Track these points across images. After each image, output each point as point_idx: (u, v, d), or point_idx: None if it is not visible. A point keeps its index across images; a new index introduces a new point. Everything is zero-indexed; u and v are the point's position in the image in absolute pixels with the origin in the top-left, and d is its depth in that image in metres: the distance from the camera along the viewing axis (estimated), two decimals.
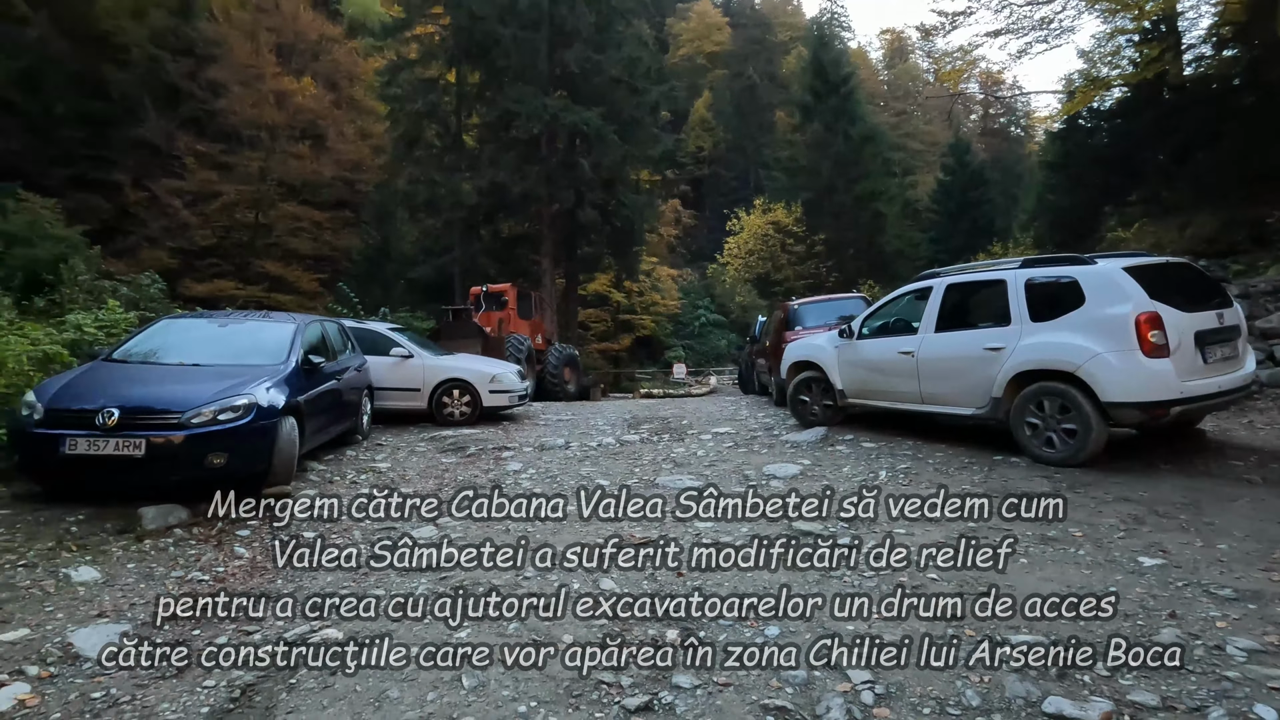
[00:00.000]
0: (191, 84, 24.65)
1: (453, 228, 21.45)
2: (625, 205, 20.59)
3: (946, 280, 6.04)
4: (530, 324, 15.88)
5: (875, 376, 6.56)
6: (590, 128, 18.43)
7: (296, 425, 5.33)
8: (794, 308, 9.63)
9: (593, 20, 19.53)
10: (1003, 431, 5.63)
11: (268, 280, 24.96)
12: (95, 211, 22.06)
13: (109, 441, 4.34)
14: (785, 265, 31.05)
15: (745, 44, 59.22)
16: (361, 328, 8.89)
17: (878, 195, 29.95)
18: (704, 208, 47.75)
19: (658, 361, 33.69)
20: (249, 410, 4.79)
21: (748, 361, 14.65)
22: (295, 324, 6.14)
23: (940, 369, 5.86)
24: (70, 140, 23.17)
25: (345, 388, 6.94)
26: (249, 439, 4.77)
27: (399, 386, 8.67)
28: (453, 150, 21.76)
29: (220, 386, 4.86)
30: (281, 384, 5.29)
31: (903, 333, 6.53)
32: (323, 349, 6.45)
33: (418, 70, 21.71)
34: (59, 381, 4.83)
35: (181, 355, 5.49)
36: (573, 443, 7.42)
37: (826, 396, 7.25)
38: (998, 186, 41.01)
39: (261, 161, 25.85)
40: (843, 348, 6.93)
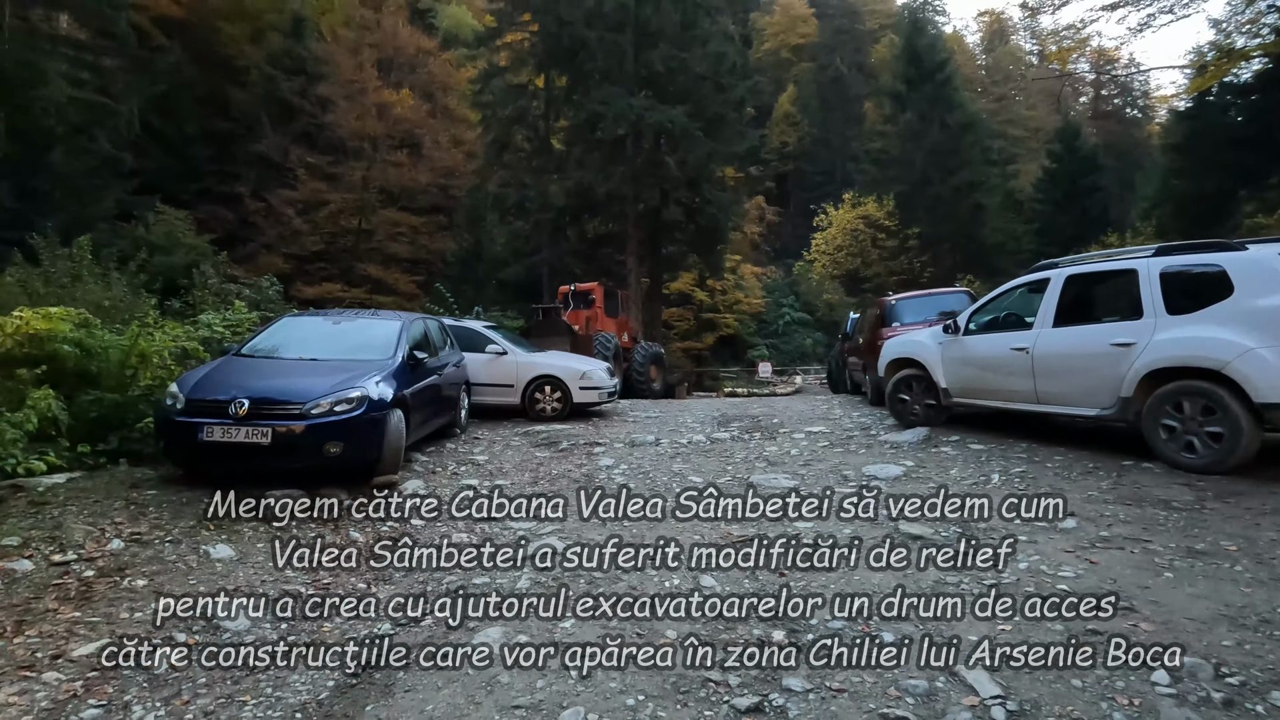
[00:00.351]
0: (303, 100, 26.48)
1: (541, 229, 21.97)
2: (710, 203, 20.44)
3: (1066, 271, 5.60)
4: (616, 322, 16.04)
5: (984, 374, 6.18)
6: (675, 126, 18.40)
7: (403, 417, 5.58)
8: (891, 303, 9.23)
9: (677, 19, 19.49)
10: (1130, 434, 5.18)
11: (369, 283, 26.47)
12: (221, 221, 24.18)
13: (240, 430, 4.68)
14: (876, 261, 29.91)
15: (832, 35, 57.42)
16: (458, 325, 9.23)
17: (977, 186, 28.32)
18: (788, 204, 46.71)
19: (741, 360, 33.25)
20: (361, 402, 5.05)
21: (838, 359, 14.20)
22: (401, 321, 6.44)
23: (1059, 366, 5.44)
24: (199, 157, 25.50)
25: (445, 383, 7.21)
26: (361, 429, 5.03)
27: (493, 382, 8.94)
28: (541, 153, 22.30)
29: (336, 380, 5.15)
30: (389, 378, 5.54)
31: (1015, 328, 6.12)
32: (425, 345, 6.73)
33: (508, 77, 22.38)
34: (197, 374, 5.26)
35: (301, 350, 5.86)
36: (663, 439, 7.40)
37: (928, 395, 6.90)
38: (1111, 173, 37.97)
39: (364, 171, 27.48)
40: (948, 344, 6.57)
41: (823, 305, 35.84)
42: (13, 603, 3.10)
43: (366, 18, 31.56)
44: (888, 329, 8.97)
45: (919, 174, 28.83)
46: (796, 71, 54.30)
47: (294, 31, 28.31)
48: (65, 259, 9.92)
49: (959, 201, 28.61)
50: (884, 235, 29.96)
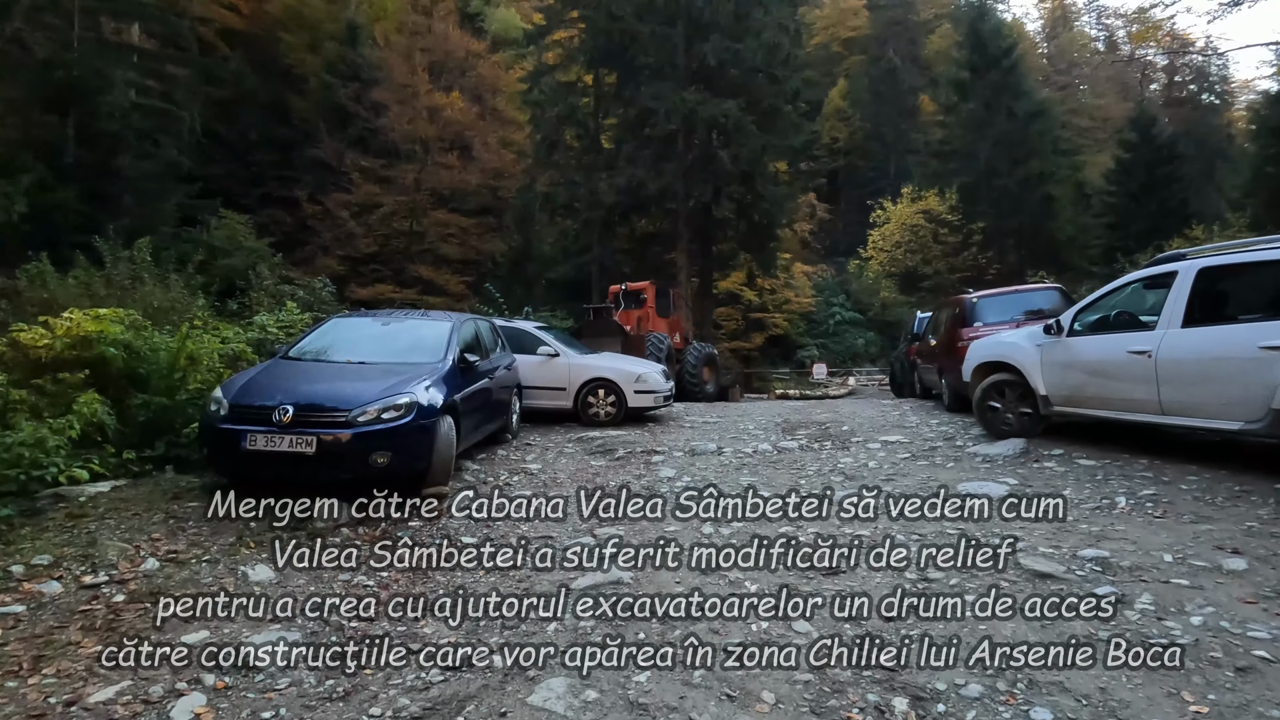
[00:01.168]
0: (357, 105, 26.97)
1: (591, 228, 21.68)
2: (763, 198, 19.77)
3: (1199, 263, 4.88)
4: (668, 322, 15.57)
5: (1094, 380, 5.49)
6: (729, 119, 17.82)
7: (453, 424, 5.24)
8: (972, 301, 8.50)
9: (731, 9, 18.92)
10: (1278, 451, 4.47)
11: (421, 284, 26.71)
12: (280, 225, 24.77)
13: (284, 438, 4.40)
14: (937, 257, 28.57)
15: (884, 26, 55.59)
16: (509, 326, 8.92)
17: (1047, 177, 26.71)
18: (839, 201, 45.35)
19: (789, 360, 32.35)
20: (410, 409, 4.72)
21: (904, 361, 13.43)
22: (451, 322, 6.12)
23: (1190, 372, 4.74)
24: (261, 163, 26.22)
25: (497, 386, 6.88)
26: (410, 438, 4.70)
27: (545, 385, 8.59)
28: (591, 151, 22.01)
29: (384, 385, 4.84)
30: (440, 382, 5.22)
31: (1130, 328, 5.41)
32: (476, 347, 6.40)
33: (557, 75, 22.17)
34: (242, 379, 5.02)
35: (349, 353, 5.59)
36: (725, 448, 6.91)
37: (1023, 403, 6.22)
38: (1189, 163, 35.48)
39: (416, 173, 27.76)
40: (1048, 346, 5.88)
41: (876, 304, 34.58)
42: (35, 633, 2.83)
43: (418, 23, 31.97)
44: (968, 329, 8.26)
45: (983, 165, 27.36)
46: (847, 65, 52.81)
47: (349, 39, 28.84)
48: (127, 261, 10.00)
49: (1027, 194, 27.03)
50: (946, 230, 28.57)
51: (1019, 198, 27.09)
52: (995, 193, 27.31)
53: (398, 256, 27.99)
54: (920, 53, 54.66)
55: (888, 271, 31.56)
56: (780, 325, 32.91)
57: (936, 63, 47.15)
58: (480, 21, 37.18)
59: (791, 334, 33.62)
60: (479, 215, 29.92)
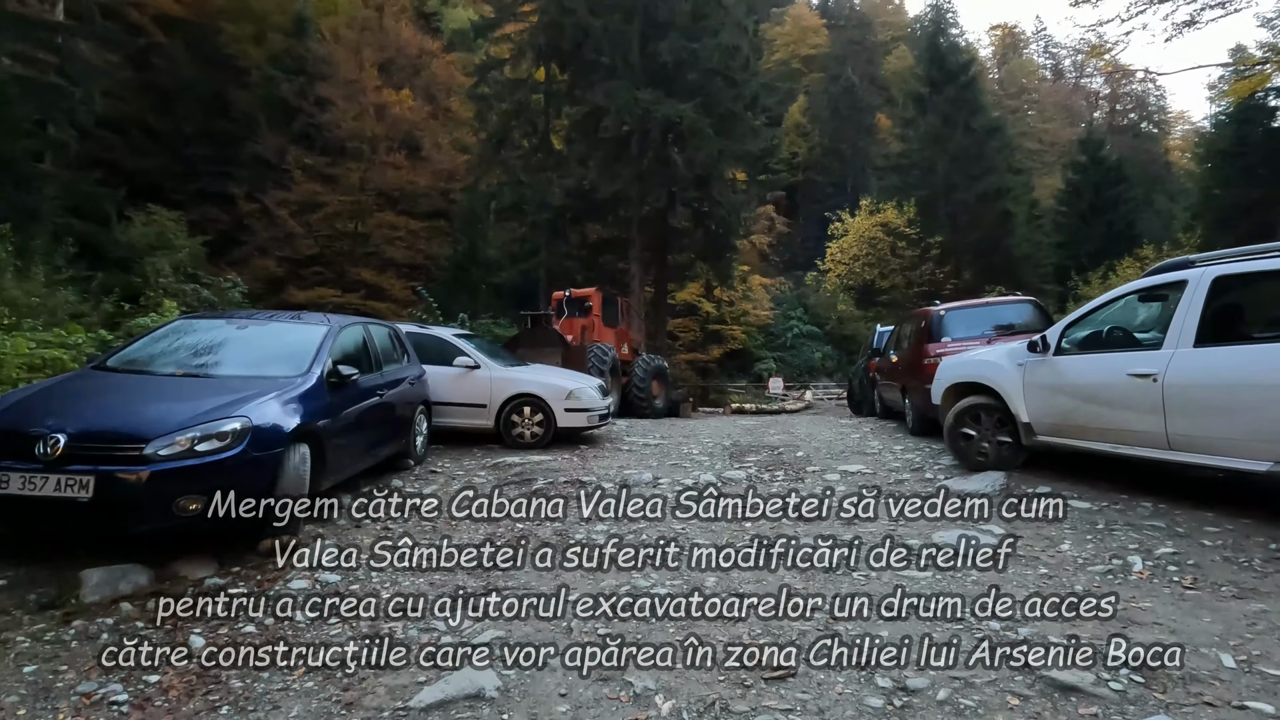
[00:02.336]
0: (302, 100, 25.50)
1: (538, 231, 20.57)
2: (720, 205, 18.98)
3: (1213, 271, 4.11)
4: (616, 332, 14.57)
5: (1087, 407, 4.69)
6: (685, 121, 17.00)
7: (309, 455, 4.13)
8: (939, 314, 7.73)
9: (688, 7, 18.17)
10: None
11: (365, 288, 25.27)
12: (215, 223, 23.02)
13: (48, 479, 3.24)
14: (895, 271, 28.30)
15: (844, 45, 56.42)
16: (422, 333, 7.80)
17: (1004, 193, 26.74)
18: (797, 215, 45.35)
19: (748, 373, 31.74)
20: (240, 437, 3.60)
21: (863, 377, 12.71)
22: (326, 327, 4.99)
23: (1207, 400, 3.95)
24: (198, 157, 24.40)
25: (394, 403, 5.78)
26: (239, 475, 3.58)
27: (462, 401, 7.49)
28: (540, 151, 20.94)
29: (207, 405, 3.70)
30: (296, 401, 4.11)
31: (1129, 346, 4.65)
32: (361, 358, 5.30)
33: (506, 70, 21.09)
34: (15, 396, 3.84)
35: (184, 363, 4.43)
36: (662, 478, 5.94)
37: (1002, 430, 5.41)
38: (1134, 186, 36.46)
39: (361, 172, 26.31)
40: (1032, 366, 5.08)
41: (833, 318, 34.34)
42: None
43: (369, 18, 30.61)
44: (935, 345, 7.48)
45: (942, 180, 27.28)
46: (807, 82, 53.24)
47: (296, 31, 27.36)
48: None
49: (984, 209, 27.02)
50: (904, 244, 28.36)
51: (977, 213, 27.06)
52: (953, 207, 27.23)
53: (341, 259, 26.44)
54: (878, 73, 55.73)
55: (845, 285, 31.26)
56: (738, 338, 32.32)
57: (893, 83, 47.87)
58: (437, 21, 35.99)
59: (749, 346, 33.07)
60: (430, 218, 28.58)
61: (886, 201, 29.39)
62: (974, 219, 27.12)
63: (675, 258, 22.36)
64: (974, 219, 27.12)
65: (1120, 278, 20.97)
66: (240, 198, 23.96)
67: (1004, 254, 27.53)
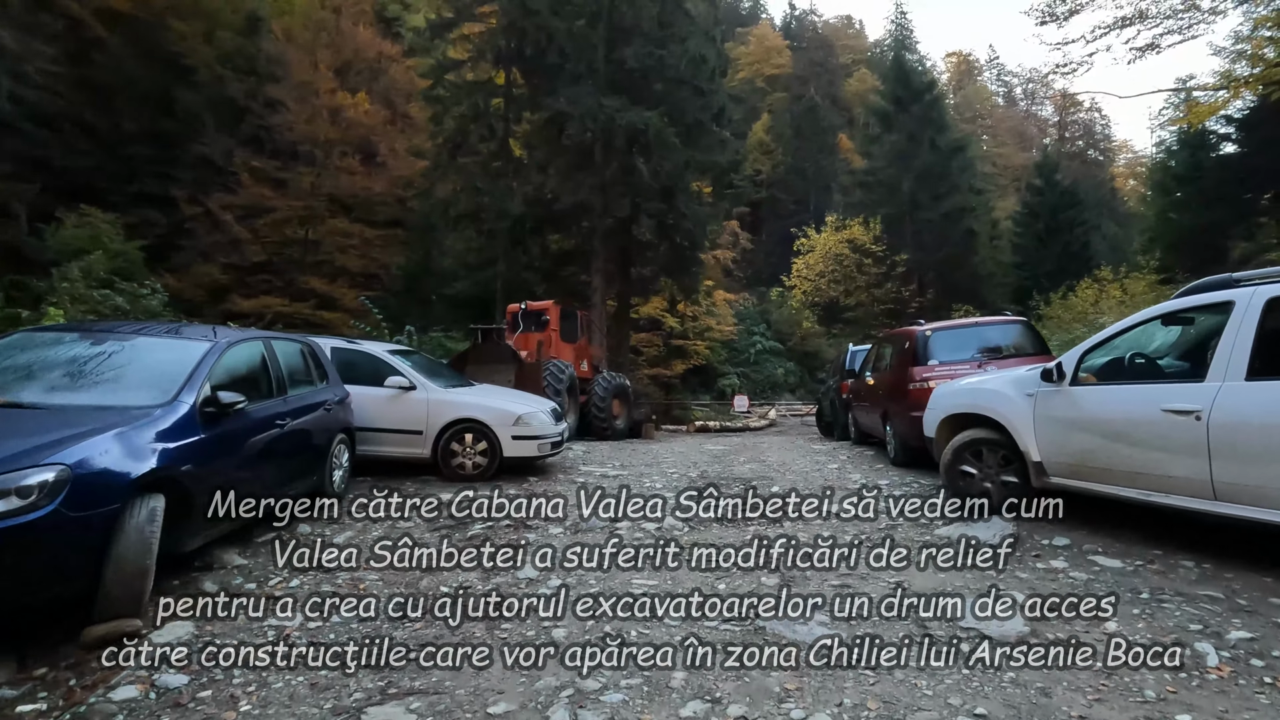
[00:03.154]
0: (252, 101, 24.22)
1: (496, 240, 19.63)
2: (685, 217, 18.35)
3: (1266, 291, 3.51)
4: (574, 348, 13.72)
5: (1111, 447, 4.05)
6: (650, 129, 16.35)
7: (172, 507, 3.22)
8: (924, 335, 7.10)
9: (654, 13, 17.61)
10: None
11: (315, 297, 23.97)
12: (154, 227, 21.47)
13: None
14: (860, 288, 28.11)
15: (806, 66, 57.37)
16: (350, 349, 6.85)
17: (968, 212, 26.84)
18: (761, 232, 45.49)
19: (711, 389, 31.23)
20: (53, 492, 2.69)
21: (834, 398, 12.11)
22: (209, 344, 4.05)
23: (1263, 443, 3.33)
24: (138, 157, 22.77)
25: (303, 433, 4.88)
26: (45, 544, 2.68)
27: (395, 428, 6.56)
28: (499, 157, 20.05)
29: (14, 449, 2.77)
30: (149, 439, 3.20)
31: (1157, 377, 4.05)
32: (258, 381, 4.39)
33: (464, 72, 20.21)
34: None
35: (9, 389, 3.47)
36: (620, 522, 5.13)
37: (1007, 469, 4.77)
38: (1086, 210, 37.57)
39: (313, 177, 25.04)
40: (1045, 397, 4.45)
41: (796, 335, 34.13)
42: None
43: (325, 19, 29.43)
44: (921, 368, 6.86)
45: (907, 198, 27.29)
46: (771, 101, 53.71)
47: (247, 30, 26.04)
48: None
49: (949, 228, 27.09)
50: (870, 261, 28.24)
51: (941, 231, 27.10)
52: (918, 225, 27.23)
53: (290, 266, 25.04)
54: (839, 94, 56.66)
55: (810, 301, 31.03)
56: (702, 353, 31.82)
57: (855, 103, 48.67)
58: (399, 26, 34.96)
59: (713, 362, 32.61)
60: (387, 227, 27.42)
61: (852, 218, 29.31)
62: (939, 237, 27.17)
63: (639, 270, 21.65)
64: (939, 237, 27.17)
65: (1080, 298, 21.03)
66: (183, 200, 22.52)
67: (968, 272, 27.61)
